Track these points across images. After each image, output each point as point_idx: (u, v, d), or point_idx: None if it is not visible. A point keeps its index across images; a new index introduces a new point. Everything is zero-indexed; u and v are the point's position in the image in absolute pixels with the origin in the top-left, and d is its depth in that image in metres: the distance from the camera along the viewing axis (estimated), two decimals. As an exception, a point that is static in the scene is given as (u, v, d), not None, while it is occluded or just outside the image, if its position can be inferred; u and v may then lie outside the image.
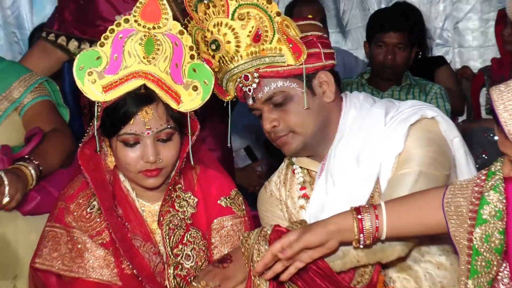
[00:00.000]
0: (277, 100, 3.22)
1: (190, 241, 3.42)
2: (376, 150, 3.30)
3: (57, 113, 4.22)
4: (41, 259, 3.38)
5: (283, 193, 3.54)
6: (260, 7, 3.18)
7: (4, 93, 4.11)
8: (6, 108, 4.09)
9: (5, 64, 4.39)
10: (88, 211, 3.37)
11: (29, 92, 4.10)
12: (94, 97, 3.18)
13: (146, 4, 3.25)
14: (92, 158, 3.35)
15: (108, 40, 3.19)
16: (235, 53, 3.22)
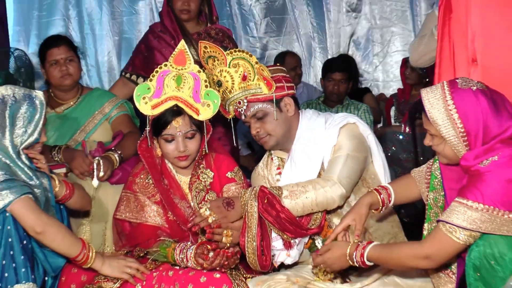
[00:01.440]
0: (258, 115, 4.03)
1: (209, 199, 4.17)
2: (320, 145, 4.05)
3: (132, 122, 5.13)
4: (119, 212, 4.21)
5: (266, 173, 4.30)
6: (245, 59, 3.96)
7: (99, 109, 5.08)
8: (100, 119, 5.07)
9: (100, 91, 5.38)
10: (147, 181, 4.21)
11: (115, 108, 5.09)
12: (146, 112, 4.05)
13: (177, 54, 4.09)
14: (146, 149, 4.16)
15: (154, 77, 4.05)
16: (232, 88, 3.99)
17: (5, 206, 3.62)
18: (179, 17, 5.37)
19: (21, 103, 3.83)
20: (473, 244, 3.18)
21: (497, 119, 3.20)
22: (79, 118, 5.03)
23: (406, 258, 3.35)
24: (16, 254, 3.64)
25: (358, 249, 3.48)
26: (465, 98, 3.21)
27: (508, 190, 3.10)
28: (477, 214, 3.10)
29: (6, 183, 3.63)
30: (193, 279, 3.85)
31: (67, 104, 5.07)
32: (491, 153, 3.17)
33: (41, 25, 8.47)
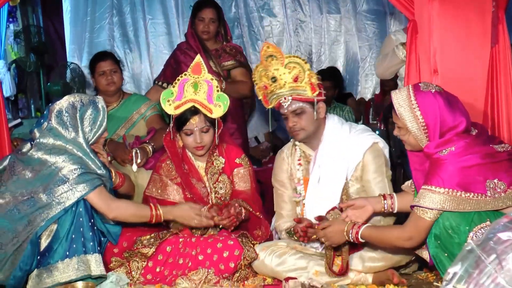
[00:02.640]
0: (297, 112, 3.88)
1: (221, 180, 4.25)
2: (344, 153, 3.92)
3: (163, 120, 5.13)
4: (148, 190, 4.25)
5: (289, 160, 4.13)
6: (300, 64, 3.82)
7: (136, 110, 5.10)
8: (137, 118, 5.10)
9: (138, 96, 5.41)
10: (170, 168, 4.24)
11: (149, 109, 5.12)
12: (170, 112, 4.12)
13: (194, 66, 4.13)
14: (170, 142, 4.19)
15: (176, 84, 4.11)
16: (283, 85, 3.85)
17: (82, 196, 3.68)
18: (200, 37, 5.38)
19: (87, 107, 3.86)
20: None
21: (451, 114, 3.23)
22: (120, 117, 5.07)
23: (393, 239, 3.41)
24: (86, 230, 3.69)
25: (354, 228, 3.52)
26: (426, 98, 3.25)
27: (462, 174, 3.13)
28: (440, 196, 3.13)
29: (82, 176, 3.67)
30: (211, 244, 3.90)
31: (111, 106, 5.06)
32: (449, 144, 3.19)
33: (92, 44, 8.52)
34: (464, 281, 1.90)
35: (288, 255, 3.86)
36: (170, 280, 3.85)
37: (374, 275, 3.76)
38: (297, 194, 4.05)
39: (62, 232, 3.67)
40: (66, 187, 3.65)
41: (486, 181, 3.13)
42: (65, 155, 3.71)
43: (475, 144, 3.21)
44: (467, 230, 3.14)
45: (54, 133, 3.78)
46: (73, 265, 3.63)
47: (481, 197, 3.12)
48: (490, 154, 3.20)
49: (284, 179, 4.13)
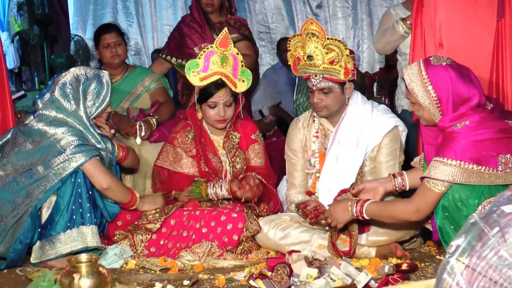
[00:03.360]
0: (325, 90, 3.84)
1: (238, 155, 4.25)
2: (365, 134, 3.91)
3: (167, 93, 5.16)
4: (159, 160, 4.26)
5: (305, 130, 4.09)
6: (339, 48, 3.76)
7: (141, 83, 5.09)
8: (141, 90, 5.09)
9: (142, 69, 5.45)
10: (186, 139, 4.23)
11: (153, 82, 5.12)
12: (195, 83, 4.07)
13: (222, 38, 4.09)
14: (193, 113, 4.22)
15: (202, 56, 4.06)
16: (318, 65, 3.78)
17: (78, 166, 3.73)
18: (204, 10, 5.34)
19: (92, 80, 3.89)
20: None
21: (463, 86, 3.22)
22: (124, 90, 5.06)
23: (399, 213, 3.41)
24: (84, 202, 3.76)
25: (358, 203, 3.52)
26: (437, 72, 3.23)
27: (475, 147, 3.13)
28: (452, 169, 3.14)
29: (79, 147, 3.72)
30: (215, 217, 3.92)
31: (115, 78, 5.02)
32: (464, 118, 3.19)
33: (96, 16, 8.58)
34: (467, 253, 1.90)
35: (291, 229, 3.86)
36: (173, 252, 3.87)
37: (378, 248, 3.76)
38: (311, 166, 4.04)
39: (62, 203, 3.73)
40: (63, 157, 3.70)
41: (498, 156, 3.14)
42: (65, 127, 3.76)
43: (490, 119, 3.21)
44: (476, 203, 3.16)
45: (56, 105, 3.82)
46: (74, 236, 3.71)
47: (493, 171, 3.13)
48: (504, 129, 3.21)
49: (298, 148, 4.11)
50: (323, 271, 3.23)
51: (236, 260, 3.77)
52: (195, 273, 3.56)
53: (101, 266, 3.00)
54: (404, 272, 3.37)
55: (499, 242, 1.87)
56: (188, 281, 3.33)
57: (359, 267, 3.37)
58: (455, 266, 1.92)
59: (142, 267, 3.73)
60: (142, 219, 4.01)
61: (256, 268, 3.58)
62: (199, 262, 3.71)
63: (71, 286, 2.88)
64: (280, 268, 3.23)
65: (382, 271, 3.37)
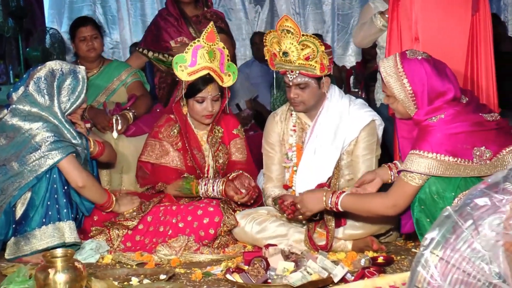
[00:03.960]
0: (301, 86, 3.84)
1: (220, 149, 4.27)
2: (342, 128, 3.93)
3: (144, 87, 5.13)
4: (144, 156, 4.23)
5: (283, 124, 4.10)
6: (315, 45, 3.76)
7: (117, 76, 5.06)
8: (118, 84, 5.05)
9: (118, 62, 5.40)
10: (171, 133, 4.19)
11: (130, 76, 5.09)
12: (183, 78, 4.05)
13: (208, 33, 4.07)
14: (178, 108, 4.19)
15: (189, 50, 4.04)
16: (294, 61, 3.78)
17: (54, 164, 3.69)
18: (180, 2, 5.30)
19: (67, 76, 3.86)
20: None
21: (439, 80, 3.26)
22: (101, 84, 5.03)
23: (376, 207, 3.41)
24: (60, 197, 3.72)
25: (334, 194, 3.50)
26: (412, 66, 3.26)
27: (450, 140, 3.16)
28: (428, 161, 3.16)
29: (55, 144, 3.68)
30: (192, 212, 3.91)
31: (91, 72, 5.00)
32: (439, 111, 3.21)
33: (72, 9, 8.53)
34: (441, 246, 1.93)
35: (268, 223, 3.87)
36: (150, 247, 3.86)
37: (354, 242, 3.78)
38: (288, 160, 4.05)
39: (37, 199, 3.70)
40: (38, 154, 3.67)
41: (473, 148, 3.17)
42: (40, 122, 3.72)
43: (465, 112, 3.24)
44: (452, 196, 3.18)
45: (30, 99, 3.78)
46: (49, 232, 3.68)
47: (468, 163, 3.17)
48: (479, 122, 3.24)
49: (275, 142, 4.11)
50: (299, 264, 3.23)
51: (213, 254, 3.76)
52: (172, 268, 3.55)
53: (76, 261, 2.99)
54: (380, 265, 3.38)
55: (473, 234, 1.89)
56: (165, 275, 3.33)
57: (335, 260, 3.38)
58: (429, 259, 1.94)
59: (119, 261, 3.72)
60: (119, 216, 3.99)
61: (233, 262, 3.58)
62: (176, 256, 3.70)
63: (46, 281, 2.87)
64: (256, 262, 3.23)
65: (358, 264, 3.38)
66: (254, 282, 3.11)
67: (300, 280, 3.03)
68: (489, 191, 1.92)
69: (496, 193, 1.91)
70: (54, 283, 2.87)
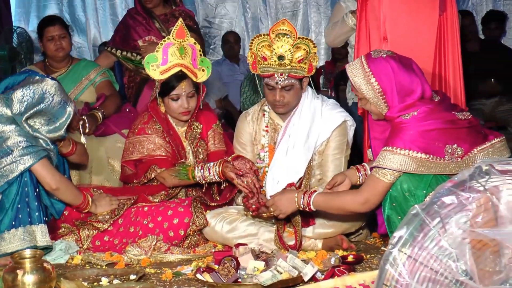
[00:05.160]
0: (287, 88, 3.85)
1: (200, 145, 4.27)
2: (315, 128, 3.93)
3: (113, 86, 5.12)
4: (129, 156, 4.20)
5: (255, 124, 4.11)
6: (308, 46, 3.81)
7: (86, 76, 5.05)
8: (86, 84, 5.05)
9: (87, 62, 5.40)
10: (156, 127, 4.17)
11: (98, 75, 5.08)
12: (156, 77, 4.05)
13: (178, 29, 4.05)
14: (156, 108, 4.20)
15: (160, 49, 4.04)
16: (287, 64, 3.79)
17: (26, 169, 3.64)
18: (145, 5, 5.31)
19: (55, 105, 3.78)
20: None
21: (406, 75, 3.30)
22: (69, 83, 4.97)
23: (348, 204, 3.43)
24: (31, 200, 3.67)
25: (306, 194, 3.52)
26: (378, 64, 3.30)
27: (423, 137, 3.19)
28: (401, 157, 3.19)
29: (27, 149, 3.63)
30: (162, 212, 3.91)
31: (59, 71, 5.01)
32: (412, 108, 3.24)
33: (39, 7, 8.47)
34: (409, 244, 1.94)
35: (238, 222, 3.88)
36: (120, 247, 3.86)
37: (324, 241, 3.79)
38: (260, 160, 4.05)
39: (7, 202, 3.65)
40: (10, 159, 3.62)
41: (445, 146, 3.21)
42: (13, 125, 3.67)
43: (438, 110, 3.27)
44: (424, 194, 3.22)
45: (8, 103, 3.70)
46: (19, 235, 3.62)
47: (439, 160, 3.20)
48: (451, 120, 3.27)
49: (247, 141, 4.12)
50: (270, 263, 3.24)
51: (183, 254, 3.76)
52: (142, 268, 3.54)
53: (45, 262, 2.97)
54: (350, 263, 3.39)
55: (440, 232, 1.91)
56: (135, 275, 3.32)
57: (305, 259, 3.39)
58: (397, 257, 1.95)
59: (88, 262, 3.70)
60: (91, 217, 3.98)
61: (203, 261, 3.58)
62: (146, 256, 3.70)
63: (14, 282, 2.85)
64: (227, 261, 3.23)
65: (328, 263, 3.39)
66: (225, 282, 3.11)
67: (270, 279, 3.04)
68: (456, 189, 1.94)
69: (462, 191, 1.93)
70: (22, 284, 2.85)
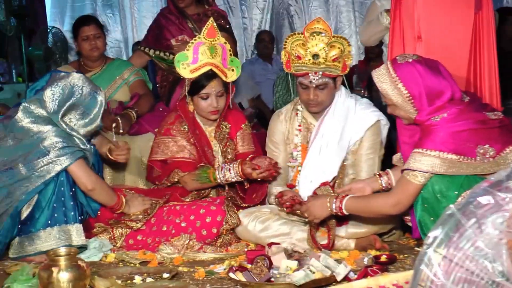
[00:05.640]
0: (321, 86, 3.83)
1: (229, 145, 4.26)
2: (349, 128, 3.93)
3: (146, 85, 5.16)
4: (157, 155, 4.21)
5: (288, 123, 4.10)
6: (342, 45, 3.82)
7: (120, 75, 5.08)
8: (120, 83, 5.08)
9: (120, 61, 5.47)
10: (182, 129, 4.18)
11: (132, 75, 5.11)
12: (186, 75, 4.07)
13: (209, 29, 4.08)
14: (183, 106, 4.21)
15: (191, 48, 4.06)
16: (322, 62, 3.78)
17: (63, 169, 3.68)
18: (177, 4, 5.32)
19: (86, 97, 3.82)
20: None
21: (434, 79, 3.26)
22: (103, 82, 4.95)
23: (379, 207, 3.43)
24: (67, 200, 3.72)
25: (337, 199, 3.52)
26: (405, 69, 3.27)
27: (453, 138, 3.17)
28: (431, 159, 3.17)
29: (63, 150, 3.67)
30: (194, 211, 3.91)
31: (94, 71, 5.03)
32: (442, 110, 3.22)
33: (74, 8, 8.56)
34: (444, 244, 1.92)
35: (271, 221, 3.87)
36: (153, 246, 3.87)
37: (357, 240, 3.77)
38: (293, 159, 4.05)
39: (43, 201, 3.69)
40: (46, 160, 3.66)
41: (477, 146, 3.18)
42: (49, 125, 3.71)
43: (468, 111, 3.24)
44: (456, 195, 3.19)
45: (41, 104, 3.75)
46: (54, 234, 3.67)
47: (471, 161, 3.17)
48: (482, 120, 3.24)
49: (280, 141, 4.12)
50: (302, 263, 3.23)
51: (216, 252, 3.76)
52: (175, 266, 3.55)
53: (80, 260, 2.99)
54: (383, 263, 3.37)
55: (476, 233, 1.89)
56: (168, 274, 3.32)
57: (338, 259, 3.37)
58: (432, 257, 1.93)
59: (122, 260, 3.72)
60: (125, 216, 4.01)
61: (236, 260, 3.58)
62: (179, 255, 3.70)
63: (49, 279, 2.87)
64: (259, 261, 3.22)
65: (361, 262, 3.38)
66: (257, 281, 3.11)
67: (303, 278, 3.03)
68: (492, 189, 1.92)
69: (499, 192, 1.90)
70: (57, 282, 2.87)
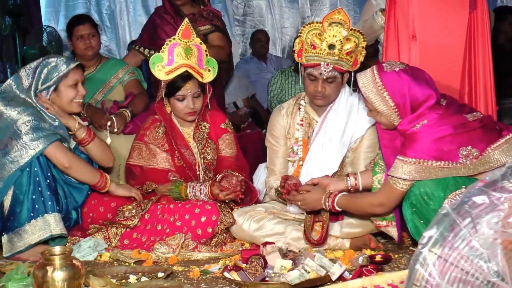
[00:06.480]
0: (329, 80, 3.85)
1: (208, 145, 4.24)
2: (351, 125, 3.94)
3: (141, 85, 5.16)
4: (132, 159, 4.24)
5: (289, 118, 4.10)
6: (358, 39, 3.83)
7: (114, 75, 5.07)
8: (115, 82, 5.07)
9: (115, 60, 5.45)
10: (156, 135, 4.19)
11: (127, 74, 5.10)
12: (161, 77, 4.08)
13: (183, 30, 4.08)
14: (161, 107, 4.19)
15: (165, 49, 4.07)
16: (336, 54, 3.78)
17: (37, 154, 3.69)
18: (174, 3, 5.30)
19: (53, 64, 3.89)
20: (410, 188, 3.29)
21: (419, 89, 3.24)
22: (98, 82, 5.01)
23: (365, 206, 3.49)
24: (43, 190, 3.73)
25: (330, 196, 3.59)
26: (391, 79, 3.25)
27: (435, 145, 3.17)
28: (411, 167, 3.18)
29: (36, 133, 3.68)
30: (189, 210, 3.90)
31: (88, 70, 5.01)
32: (421, 118, 3.22)
33: (68, 7, 8.54)
34: (439, 244, 1.92)
35: (266, 220, 3.87)
36: (148, 245, 3.87)
37: (352, 240, 3.78)
38: (294, 154, 4.05)
39: (20, 194, 3.71)
40: (20, 144, 3.68)
41: (459, 149, 3.17)
42: (21, 106, 3.75)
43: (447, 115, 3.24)
44: (442, 196, 3.18)
45: (17, 81, 3.83)
46: (40, 225, 3.70)
47: (452, 165, 3.16)
48: (462, 124, 3.24)
49: (281, 135, 4.12)
50: (297, 262, 3.23)
51: (211, 252, 3.76)
52: (170, 265, 3.55)
53: (75, 259, 2.99)
54: (378, 263, 3.38)
55: (471, 233, 1.89)
56: (163, 273, 3.32)
57: (333, 258, 3.38)
58: (427, 257, 1.94)
59: (116, 259, 3.72)
60: (119, 216, 4.00)
61: (231, 260, 3.58)
62: (174, 254, 3.71)
63: (44, 278, 2.88)
64: (254, 260, 3.22)
65: (356, 262, 3.39)
66: (252, 280, 3.11)
67: (298, 278, 3.03)
68: (487, 189, 1.92)
69: (494, 191, 1.91)
70: (52, 281, 2.88)
